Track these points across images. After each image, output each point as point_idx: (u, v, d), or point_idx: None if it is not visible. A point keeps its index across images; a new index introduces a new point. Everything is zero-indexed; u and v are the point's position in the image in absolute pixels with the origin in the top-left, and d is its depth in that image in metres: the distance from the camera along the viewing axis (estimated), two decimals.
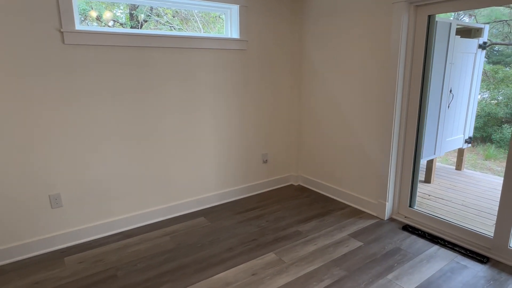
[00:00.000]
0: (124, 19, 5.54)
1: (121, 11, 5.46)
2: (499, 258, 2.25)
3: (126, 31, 2.52)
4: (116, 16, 5.22)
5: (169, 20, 5.14)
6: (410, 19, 2.51)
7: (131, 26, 5.07)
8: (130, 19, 5.74)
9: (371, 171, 2.95)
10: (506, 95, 6.87)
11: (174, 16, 5.66)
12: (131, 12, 5.72)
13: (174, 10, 4.50)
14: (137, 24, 5.08)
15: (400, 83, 2.62)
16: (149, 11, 5.14)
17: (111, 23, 4.85)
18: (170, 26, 5.24)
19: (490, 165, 5.38)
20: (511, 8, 7.10)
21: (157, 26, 5.76)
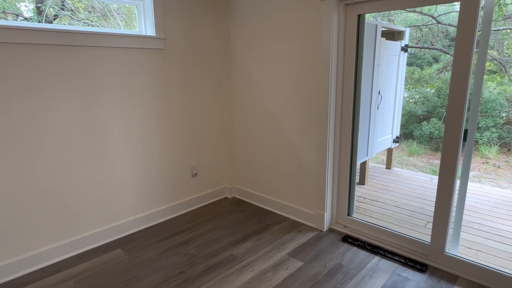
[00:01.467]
0: (32, 13, 4.70)
1: (26, 4, 4.61)
2: (437, 265, 2.20)
3: None
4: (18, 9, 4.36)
5: (86, 16, 4.47)
6: (340, 18, 2.36)
7: (38, 21, 4.27)
8: (37, 13, 4.88)
9: (308, 180, 2.76)
10: (422, 94, 7.45)
11: (90, 12, 4.93)
12: (37, 6, 4.85)
13: (90, 5, 3.86)
14: (47, 19, 4.30)
15: (333, 86, 2.47)
16: (61, 5, 4.39)
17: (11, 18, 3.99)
18: (85, 22, 4.54)
19: (414, 161, 5.71)
20: (423, 14, 7.72)
21: (70, 23, 4.98)
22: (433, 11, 7.52)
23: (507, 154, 5.70)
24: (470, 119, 1.99)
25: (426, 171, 5.17)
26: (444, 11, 7.83)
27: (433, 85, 7.46)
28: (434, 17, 7.45)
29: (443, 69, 8.09)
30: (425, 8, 7.58)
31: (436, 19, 7.46)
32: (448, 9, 7.96)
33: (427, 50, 8.63)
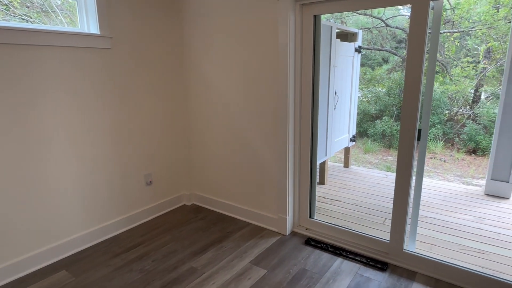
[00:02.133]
0: None
1: None
2: (396, 263, 2.24)
3: None
4: None
5: (24, 11, 4.02)
6: (297, 19, 2.32)
7: None
8: None
9: (269, 184, 2.70)
10: (374, 94, 7.78)
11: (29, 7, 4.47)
12: None
13: (28, 0, 3.46)
14: None
15: (292, 88, 2.43)
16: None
17: None
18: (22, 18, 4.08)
19: (369, 158, 5.92)
20: (373, 17, 8.07)
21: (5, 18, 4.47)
22: (381, 15, 7.89)
23: (451, 149, 6.12)
24: (423, 118, 2.05)
25: (381, 168, 5.39)
26: (392, 14, 8.26)
27: (384, 84, 7.83)
28: (383, 20, 7.82)
29: (392, 69, 8.54)
30: (375, 12, 7.93)
31: (385, 22, 7.83)
32: (395, 13, 8.41)
33: (377, 51, 9.05)
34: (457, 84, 6.85)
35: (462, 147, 6.03)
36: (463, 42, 7.36)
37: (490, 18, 6.27)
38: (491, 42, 6.40)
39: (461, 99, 6.84)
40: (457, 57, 7.39)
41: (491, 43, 6.39)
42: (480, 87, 6.85)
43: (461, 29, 7.00)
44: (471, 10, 6.68)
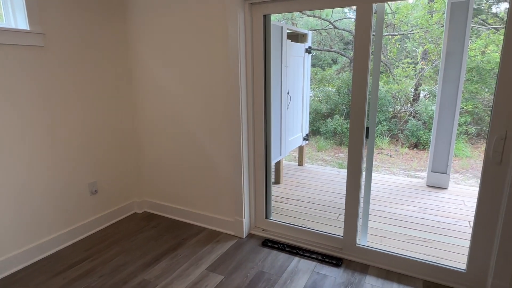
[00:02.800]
0: None
1: None
2: (350, 257, 2.31)
3: None
4: None
5: None
6: (246, 18, 2.29)
7: None
8: None
9: (224, 186, 2.64)
10: (325, 93, 8.05)
11: None
12: None
13: None
14: None
15: (244, 88, 2.39)
16: None
17: None
18: None
19: (322, 156, 6.11)
20: (322, 19, 8.34)
21: None
22: (329, 17, 8.19)
23: (396, 144, 6.53)
24: (370, 116, 2.12)
25: (333, 165, 5.58)
26: (339, 17, 8.61)
27: (333, 84, 8.14)
28: (331, 22, 8.11)
29: (341, 69, 8.90)
30: (323, 14, 8.21)
31: (333, 24, 8.13)
32: (342, 15, 8.78)
33: (327, 52, 9.38)
34: (399, 84, 7.32)
35: (406, 142, 6.45)
36: (403, 45, 7.89)
37: (426, 23, 6.79)
38: (427, 45, 6.93)
39: (403, 97, 7.33)
40: (398, 58, 7.90)
41: (427, 46, 6.92)
42: (419, 86, 7.39)
43: (401, 32, 7.50)
44: (409, 14, 7.18)
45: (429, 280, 2.07)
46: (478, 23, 6.71)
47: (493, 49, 6.16)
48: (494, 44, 6.22)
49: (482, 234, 1.89)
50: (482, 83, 6.28)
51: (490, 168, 1.80)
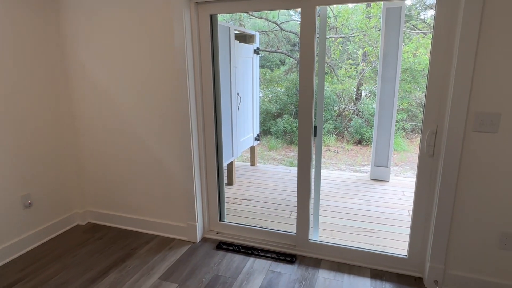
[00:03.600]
0: None
1: None
2: (304, 253, 2.37)
3: None
4: None
5: None
6: (192, 17, 2.24)
7: None
8: None
9: (175, 191, 2.55)
10: (274, 93, 8.21)
11: None
12: None
13: None
14: None
15: (192, 89, 2.33)
16: None
17: None
18: None
19: (273, 155, 6.21)
20: (268, 21, 8.49)
21: None
22: (276, 19, 8.36)
23: (342, 141, 6.87)
24: (317, 115, 2.20)
25: (284, 164, 5.70)
26: (285, 19, 8.83)
27: (282, 85, 8.33)
28: (277, 24, 8.29)
29: (288, 70, 9.15)
30: (270, 16, 8.36)
31: (280, 26, 8.32)
32: (288, 18, 9.02)
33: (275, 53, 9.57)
34: (343, 84, 7.72)
35: (350, 139, 6.82)
36: (345, 47, 8.33)
37: (364, 26, 7.25)
38: (366, 47, 7.40)
39: (347, 96, 7.74)
40: (341, 60, 8.32)
41: (367, 48, 7.39)
42: (361, 86, 7.86)
43: (343, 35, 7.91)
44: (350, 18, 7.61)
45: (376, 268, 2.20)
46: (409, 28, 7.33)
47: (423, 52, 6.77)
48: (423, 47, 6.83)
49: (420, 222, 2.06)
50: (414, 82, 6.87)
51: (425, 160, 1.96)
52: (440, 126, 1.88)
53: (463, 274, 1.96)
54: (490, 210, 1.84)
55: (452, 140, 1.81)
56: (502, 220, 1.83)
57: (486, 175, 1.81)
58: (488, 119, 1.73)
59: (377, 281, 2.08)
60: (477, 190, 1.84)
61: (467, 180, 1.84)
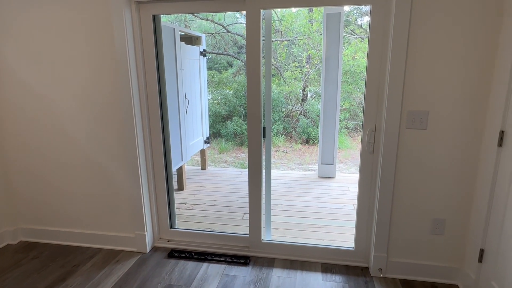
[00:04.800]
0: None
1: None
2: (257, 254, 2.38)
3: None
4: None
5: None
6: (134, 17, 2.13)
7: None
8: None
9: (121, 200, 2.41)
10: (223, 96, 8.18)
11: None
12: None
13: None
14: None
15: (136, 93, 2.22)
16: None
17: None
18: None
19: (224, 157, 6.18)
20: (215, 23, 8.44)
21: None
22: (222, 21, 8.35)
23: (290, 141, 7.07)
24: (266, 117, 2.23)
25: (236, 166, 5.70)
26: (232, 22, 8.86)
27: (231, 87, 8.34)
28: (224, 26, 8.28)
29: (236, 72, 9.18)
30: (216, 18, 8.32)
31: (226, 28, 8.32)
32: (234, 20, 9.06)
33: (222, 55, 9.55)
34: (289, 85, 7.95)
35: (298, 138, 7.05)
36: (291, 50, 8.59)
37: (307, 30, 7.55)
38: (310, 50, 7.71)
39: (293, 98, 7.99)
40: (287, 62, 8.57)
41: (310, 51, 7.70)
42: (306, 87, 8.17)
43: (288, 38, 8.16)
44: (294, 22, 7.87)
45: (326, 262, 2.29)
46: (348, 33, 7.80)
47: (361, 55, 7.24)
48: (361, 51, 7.31)
49: (364, 215, 2.19)
50: (355, 84, 7.32)
51: (366, 157, 2.09)
52: (378, 125, 2.02)
53: (403, 260, 2.13)
54: (424, 200, 2.02)
55: (389, 137, 1.95)
56: (434, 207, 2.02)
57: (419, 168, 1.98)
58: (419, 117, 1.90)
59: (327, 274, 2.17)
60: (412, 182, 2.01)
61: (403, 173, 2.00)
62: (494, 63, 1.77)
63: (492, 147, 1.76)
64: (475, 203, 1.93)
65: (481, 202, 1.86)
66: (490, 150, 1.78)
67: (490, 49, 1.76)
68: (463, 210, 1.99)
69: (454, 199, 1.99)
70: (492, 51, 1.76)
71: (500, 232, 1.70)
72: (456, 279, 2.08)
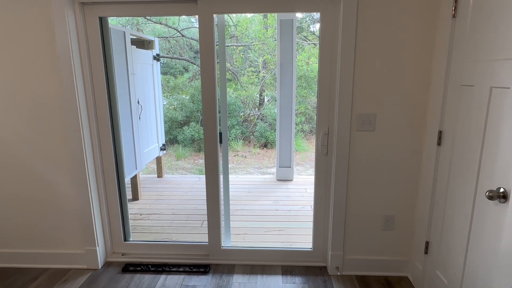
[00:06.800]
0: None
1: None
2: (217, 261, 2.34)
3: None
4: None
5: None
6: (78, 19, 2.01)
7: None
8: None
9: (68, 214, 2.24)
10: (179, 101, 8.01)
11: None
12: None
13: None
14: None
15: (83, 99, 2.09)
16: None
17: None
18: None
19: (182, 164, 6.04)
20: (169, 27, 8.26)
21: None
22: (177, 25, 8.19)
23: (249, 146, 7.10)
24: (222, 121, 2.21)
25: (194, 172, 5.59)
26: (186, 26, 8.72)
27: (187, 92, 8.19)
28: (178, 31, 8.14)
29: (192, 77, 9.05)
30: (169, 22, 8.15)
31: (181, 33, 8.18)
32: (189, 24, 8.93)
33: (178, 60, 9.36)
34: (247, 90, 8.00)
35: (257, 143, 7.10)
36: (247, 55, 8.66)
37: (262, 36, 7.67)
38: (265, 56, 7.84)
39: (251, 102, 8.04)
40: (243, 67, 8.62)
41: (266, 56, 7.83)
42: (263, 92, 8.28)
43: (244, 44, 8.22)
44: (249, 28, 7.95)
45: (286, 265, 2.32)
46: (302, 39, 8.05)
47: (314, 61, 7.51)
48: (314, 56, 7.58)
49: (320, 215, 2.25)
50: (309, 88, 7.56)
51: (320, 159, 2.15)
52: (331, 128, 2.09)
53: (358, 257, 2.22)
54: (375, 198, 2.13)
55: (341, 139, 2.03)
56: (384, 205, 2.13)
57: (369, 168, 2.08)
58: (367, 119, 2.00)
59: (287, 276, 2.19)
60: (363, 182, 2.11)
61: (355, 173, 2.09)
62: (431, 68, 1.92)
63: (433, 146, 1.91)
64: (420, 199, 2.07)
65: (425, 198, 2.00)
66: (431, 149, 1.93)
67: (429, 55, 1.91)
68: (410, 206, 2.13)
69: (401, 196, 2.11)
70: (431, 57, 1.91)
71: (442, 225, 1.84)
72: (406, 271, 2.21)
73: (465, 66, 1.61)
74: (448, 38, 1.73)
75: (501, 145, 1.36)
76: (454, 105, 1.71)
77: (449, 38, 1.72)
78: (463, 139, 1.64)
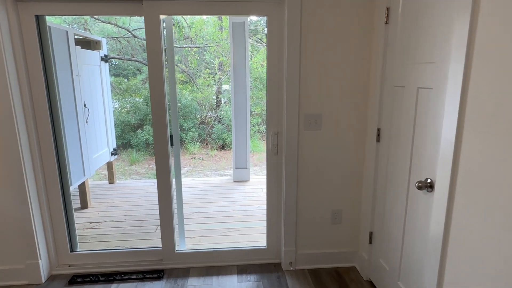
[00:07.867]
0: None
1: None
2: (171, 266, 2.31)
3: None
4: None
5: None
6: (11, 17, 1.88)
7: None
8: None
9: (5, 226, 2.07)
10: (132, 104, 7.73)
11: None
12: None
13: None
14: None
15: (18, 104, 1.95)
16: None
17: None
18: None
19: (136, 169, 5.83)
20: (119, 27, 7.94)
21: None
22: (128, 25, 7.90)
23: (206, 148, 7.04)
24: (172, 124, 2.18)
25: (148, 177, 5.43)
26: (138, 26, 8.44)
27: (140, 94, 7.92)
28: (129, 31, 7.85)
29: (146, 79, 8.77)
30: (120, 21, 7.83)
31: (132, 33, 7.90)
32: (141, 25, 8.65)
33: (130, 61, 9.02)
34: (203, 92, 7.94)
35: (214, 145, 7.07)
36: (202, 56, 8.59)
37: (217, 38, 7.66)
38: (221, 57, 7.83)
39: (207, 104, 7.99)
40: (199, 69, 8.54)
41: (221, 58, 7.83)
42: (219, 94, 8.26)
43: (198, 45, 8.14)
44: (203, 29, 7.90)
45: (241, 264, 2.34)
46: (256, 41, 8.16)
47: None
48: None
49: (273, 213, 2.31)
50: (265, 90, 7.67)
51: (271, 158, 2.21)
52: (280, 128, 2.16)
53: (309, 251, 2.31)
54: (324, 193, 2.23)
55: (290, 139, 2.10)
56: (332, 200, 2.25)
57: (317, 165, 2.18)
58: (314, 119, 2.10)
59: (243, 275, 2.22)
60: (312, 178, 2.20)
61: (304, 171, 2.18)
62: (370, 71, 2.06)
63: (373, 143, 2.05)
64: (364, 192, 2.21)
65: (368, 191, 2.14)
66: (371, 146, 2.07)
67: (368, 59, 2.05)
68: (355, 199, 2.26)
69: (347, 191, 2.24)
70: (369, 61, 2.05)
71: (383, 216, 1.98)
72: (354, 262, 2.35)
73: (397, 69, 1.76)
74: (382, 43, 1.88)
75: (428, 140, 1.50)
76: (389, 104, 1.86)
77: (383, 43, 1.87)
78: (397, 136, 1.78)
